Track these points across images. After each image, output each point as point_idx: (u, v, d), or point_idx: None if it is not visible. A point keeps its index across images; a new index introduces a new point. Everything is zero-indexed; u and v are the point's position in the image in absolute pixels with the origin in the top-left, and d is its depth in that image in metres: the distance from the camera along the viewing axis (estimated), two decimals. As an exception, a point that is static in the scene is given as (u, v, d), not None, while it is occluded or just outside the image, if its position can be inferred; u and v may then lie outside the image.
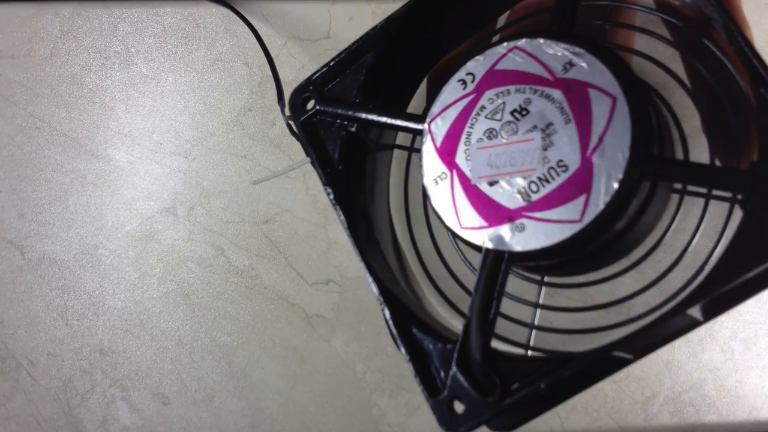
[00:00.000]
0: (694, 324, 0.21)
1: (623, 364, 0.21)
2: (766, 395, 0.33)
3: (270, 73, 0.36)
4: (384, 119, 0.26)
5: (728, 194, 0.22)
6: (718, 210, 0.23)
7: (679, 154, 0.24)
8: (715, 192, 0.23)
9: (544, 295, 0.27)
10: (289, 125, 0.29)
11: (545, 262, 0.24)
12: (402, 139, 0.31)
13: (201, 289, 0.41)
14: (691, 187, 0.24)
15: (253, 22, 0.40)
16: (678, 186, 0.24)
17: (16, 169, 0.44)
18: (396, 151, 0.31)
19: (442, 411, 0.22)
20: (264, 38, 0.38)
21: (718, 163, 0.23)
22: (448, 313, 0.27)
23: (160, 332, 0.41)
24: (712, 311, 0.20)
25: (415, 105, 0.30)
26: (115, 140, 0.43)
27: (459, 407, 0.22)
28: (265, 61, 0.37)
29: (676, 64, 0.25)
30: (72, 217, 0.43)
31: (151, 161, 0.43)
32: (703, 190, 0.23)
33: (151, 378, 0.41)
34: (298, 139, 0.28)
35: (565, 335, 0.25)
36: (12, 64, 0.45)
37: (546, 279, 0.28)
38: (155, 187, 0.42)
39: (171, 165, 0.42)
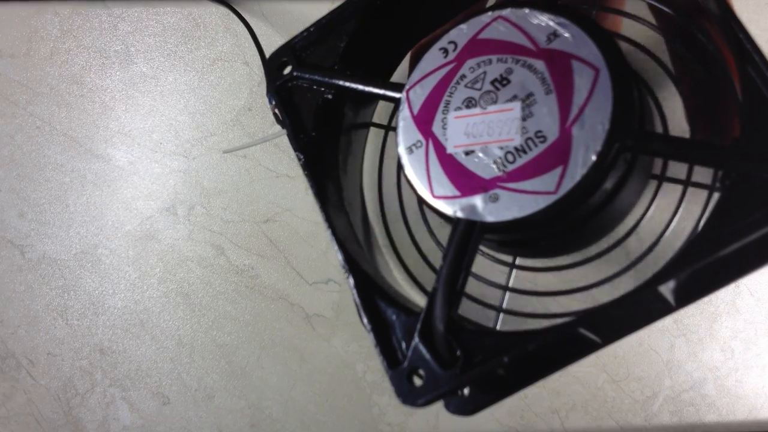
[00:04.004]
0: (666, 309, 0.20)
1: (592, 347, 0.20)
2: (766, 395, 0.33)
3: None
4: (361, 86, 0.26)
5: (707, 182, 0.22)
6: (696, 197, 0.22)
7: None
8: (694, 179, 0.22)
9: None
10: (275, 114, 0.28)
11: (518, 236, 0.23)
12: (380, 118, 0.30)
13: (201, 289, 0.41)
14: (669, 174, 0.23)
15: (253, 21, 0.40)
16: (656, 172, 0.24)
17: (16, 169, 0.44)
18: (373, 129, 0.30)
19: (400, 382, 0.21)
20: (264, 38, 0.38)
21: None
22: (413, 291, 0.26)
23: (160, 332, 0.41)
24: (685, 294, 0.19)
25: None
26: (115, 140, 0.43)
27: (418, 382, 0.21)
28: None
29: (661, 50, 0.25)
30: (72, 217, 0.43)
31: (151, 161, 0.42)
32: (682, 177, 0.23)
33: (151, 378, 0.41)
34: (281, 126, 0.27)
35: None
36: (12, 64, 0.45)
37: (518, 261, 0.27)
38: (155, 186, 0.42)
39: (171, 165, 0.42)
